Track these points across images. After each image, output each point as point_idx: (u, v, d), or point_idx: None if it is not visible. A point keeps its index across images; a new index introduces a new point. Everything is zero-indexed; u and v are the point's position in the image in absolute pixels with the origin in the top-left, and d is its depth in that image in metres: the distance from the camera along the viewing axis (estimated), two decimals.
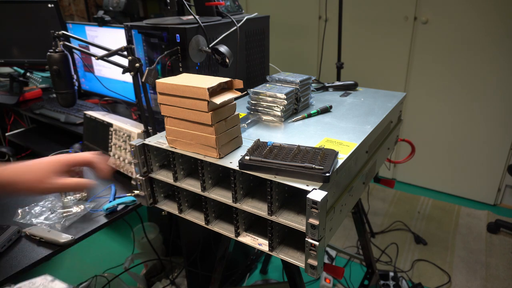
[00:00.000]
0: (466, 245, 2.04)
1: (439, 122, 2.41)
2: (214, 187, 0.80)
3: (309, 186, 0.64)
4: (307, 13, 2.64)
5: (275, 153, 0.71)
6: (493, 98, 2.18)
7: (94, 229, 1.00)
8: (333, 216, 0.73)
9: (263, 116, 0.98)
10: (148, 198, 0.89)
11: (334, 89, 1.25)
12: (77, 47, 1.11)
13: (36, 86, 2.21)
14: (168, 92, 0.76)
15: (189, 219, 0.85)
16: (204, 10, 1.30)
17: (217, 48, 1.08)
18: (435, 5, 2.18)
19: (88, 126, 1.36)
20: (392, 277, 1.72)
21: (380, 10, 2.35)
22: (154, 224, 1.84)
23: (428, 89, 2.37)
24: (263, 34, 1.46)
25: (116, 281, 1.59)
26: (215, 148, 0.74)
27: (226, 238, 1.13)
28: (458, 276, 1.83)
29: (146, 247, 1.72)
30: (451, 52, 2.22)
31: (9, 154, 1.81)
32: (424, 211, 2.36)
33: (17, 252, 0.91)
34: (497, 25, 2.04)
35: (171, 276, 1.70)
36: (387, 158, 1.22)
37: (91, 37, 1.77)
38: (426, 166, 2.56)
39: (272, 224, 0.71)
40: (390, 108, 1.04)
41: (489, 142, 2.28)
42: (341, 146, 0.79)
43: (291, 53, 2.84)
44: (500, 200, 2.41)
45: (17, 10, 1.85)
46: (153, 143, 0.84)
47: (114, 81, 1.77)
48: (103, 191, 1.17)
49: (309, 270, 0.67)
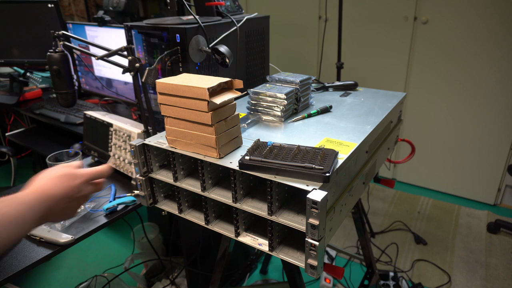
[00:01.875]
0: (466, 245, 2.04)
1: (439, 122, 2.41)
2: (214, 187, 0.80)
3: (309, 186, 0.64)
4: (307, 13, 2.64)
5: (275, 153, 0.71)
6: (493, 98, 2.18)
7: (94, 229, 1.00)
8: (333, 216, 0.73)
9: (263, 116, 0.98)
10: (148, 198, 0.89)
11: (334, 89, 1.25)
12: (77, 47, 1.11)
13: (36, 86, 2.21)
14: (168, 92, 0.76)
15: (189, 219, 0.85)
16: (204, 10, 1.30)
17: (217, 48, 1.08)
18: (435, 5, 2.18)
19: (88, 126, 1.36)
20: (392, 277, 1.72)
21: (380, 10, 2.35)
22: (154, 224, 1.84)
23: (428, 89, 2.37)
24: (263, 34, 1.46)
25: (116, 281, 1.59)
26: (215, 148, 0.74)
27: (226, 238, 1.13)
28: (458, 276, 1.83)
29: (146, 247, 1.72)
30: (451, 52, 2.22)
31: (9, 154, 1.81)
32: (424, 211, 2.36)
33: (17, 252, 0.91)
34: (497, 25, 2.04)
35: (171, 276, 1.70)
36: (387, 158, 1.22)
37: (91, 37, 1.77)
38: (426, 166, 2.56)
39: (272, 224, 0.71)
40: (390, 108, 1.04)
41: (489, 142, 2.28)
42: (341, 146, 0.79)
43: (291, 53, 2.84)
44: (500, 200, 2.41)
45: (17, 10, 1.85)
46: (153, 143, 0.84)
47: (114, 81, 1.77)
48: (103, 191, 1.17)
49: (309, 270, 0.67)
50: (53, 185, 0.64)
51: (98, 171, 0.73)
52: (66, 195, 0.66)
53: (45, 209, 0.62)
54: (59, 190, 0.65)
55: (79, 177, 0.69)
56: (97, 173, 0.73)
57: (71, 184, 0.67)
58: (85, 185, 0.70)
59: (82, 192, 0.69)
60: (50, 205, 0.63)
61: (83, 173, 0.70)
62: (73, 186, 0.67)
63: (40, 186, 0.63)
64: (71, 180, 0.67)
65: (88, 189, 0.71)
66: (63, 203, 0.65)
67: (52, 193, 0.63)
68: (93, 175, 0.72)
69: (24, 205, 0.58)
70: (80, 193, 0.69)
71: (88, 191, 0.71)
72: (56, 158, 1.11)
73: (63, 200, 0.65)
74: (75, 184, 0.67)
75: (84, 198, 0.70)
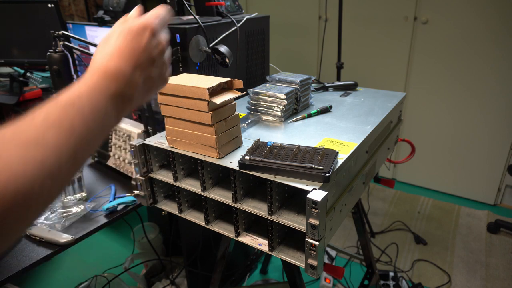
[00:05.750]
0: (466, 245, 2.04)
1: (439, 122, 2.41)
2: (214, 187, 0.80)
3: (309, 186, 0.64)
4: (307, 13, 2.64)
5: (275, 153, 0.71)
6: (493, 98, 2.18)
7: (94, 229, 1.00)
8: (333, 216, 0.73)
9: (263, 116, 0.98)
10: (148, 198, 0.89)
11: (334, 89, 1.25)
12: (77, 47, 1.11)
13: (36, 86, 2.21)
14: (168, 92, 0.76)
15: (189, 219, 0.85)
16: (204, 10, 1.30)
17: (217, 48, 1.08)
18: (435, 5, 2.18)
19: None
20: (392, 277, 1.72)
21: (380, 10, 2.35)
22: (154, 224, 1.84)
23: (428, 89, 2.37)
24: (263, 34, 1.46)
25: (116, 281, 1.59)
26: (215, 148, 0.74)
27: (226, 238, 1.13)
28: (458, 276, 1.83)
29: (146, 247, 1.72)
30: (451, 52, 2.22)
31: None
32: (424, 211, 2.36)
33: (17, 252, 0.91)
34: (497, 25, 2.04)
35: (171, 276, 1.70)
36: (387, 158, 1.22)
37: (91, 37, 1.77)
38: (426, 166, 2.56)
39: (272, 224, 0.71)
40: (390, 108, 1.04)
41: (489, 142, 2.28)
42: (341, 146, 0.79)
43: (291, 53, 2.84)
44: (500, 200, 2.41)
45: (17, 10, 1.85)
46: (153, 143, 0.84)
47: None
48: (103, 191, 1.17)
49: (309, 270, 0.67)
50: (118, 57, 0.45)
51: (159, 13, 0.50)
52: (138, 63, 0.46)
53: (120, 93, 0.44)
54: (126, 62, 0.45)
55: (145, 29, 0.47)
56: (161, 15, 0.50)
57: (138, 45, 0.46)
58: (155, 38, 0.48)
59: (158, 47, 0.48)
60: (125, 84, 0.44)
61: (147, 23, 0.47)
62: (143, 47, 0.46)
63: (100, 67, 0.44)
64: (137, 39, 0.46)
65: (161, 39, 0.49)
66: (140, 73, 0.46)
67: (120, 69, 0.44)
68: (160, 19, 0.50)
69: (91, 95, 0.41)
70: (156, 50, 0.48)
71: (162, 43, 0.49)
72: None
73: (137, 70, 0.45)
74: (144, 42, 0.46)
75: (161, 53, 0.49)
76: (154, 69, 0.48)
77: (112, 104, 0.43)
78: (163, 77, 0.51)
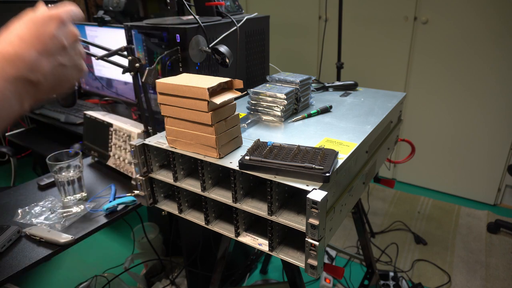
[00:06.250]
0: (466, 245, 2.04)
1: (439, 122, 2.41)
2: (214, 187, 0.80)
3: (309, 186, 0.64)
4: (307, 13, 2.64)
5: (275, 153, 0.71)
6: (493, 98, 2.18)
7: (94, 229, 1.00)
8: (333, 216, 0.73)
9: (263, 116, 0.98)
10: (148, 198, 0.89)
11: (334, 89, 1.25)
12: None
13: None
14: (168, 92, 0.76)
15: (189, 219, 0.85)
16: (204, 10, 1.30)
17: (217, 48, 1.08)
18: (435, 5, 2.18)
19: (88, 126, 1.36)
20: (392, 277, 1.72)
21: (380, 10, 2.35)
22: (154, 224, 1.84)
23: (428, 89, 2.37)
24: (263, 34, 1.46)
25: (116, 281, 1.59)
26: (215, 148, 0.74)
27: (226, 238, 1.13)
28: (458, 276, 1.83)
29: (146, 247, 1.72)
30: (451, 52, 2.22)
31: (9, 154, 1.81)
32: (424, 211, 2.36)
33: (17, 252, 0.91)
34: (497, 25, 2.04)
35: (171, 276, 1.70)
36: (387, 158, 1.22)
37: (91, 37, 1.77)
38: (426, 166, 2.56)
39: (272, 224, 0.71)
40: (390, 108, 1.04)
41: (489, 142, 2.28)
42: (341, 146, 0.79)
43: (291, 53, 2.84)
44: (500, 200, 2.41)
45: (17, 10, 1.85)
46: (153, 143, 0.84)
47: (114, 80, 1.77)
48: (103, 191, 1.17)
49: (309, 270, 0.67)
50: (18, 43, 0.44)
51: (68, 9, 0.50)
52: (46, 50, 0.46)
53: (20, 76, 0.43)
54: (29, 47, 0.44)
55: (51, 19, 0.47)
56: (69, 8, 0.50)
57: (44, 32, 0.46)
58: (64, 27, 0.48)
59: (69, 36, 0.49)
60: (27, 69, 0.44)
61: (53, 14, 0.48)
62: (50, 35, 0.46)
63: None
64: (42, 27, 0.46)
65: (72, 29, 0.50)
66: (48, 60, 0.46)
67: (20, 54, 0.44)
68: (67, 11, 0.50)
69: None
70: (68, 39, 0.48)
71: (74, 32, 0.50)
72: (56, 158, 1.11)
73: (43, 56, 0.45)
74: (50, 30, 0.46)
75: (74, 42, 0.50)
76: (65, 57, 0.49)
77: (11, 88, 0.43)
78: (77, 66, 0.51)
